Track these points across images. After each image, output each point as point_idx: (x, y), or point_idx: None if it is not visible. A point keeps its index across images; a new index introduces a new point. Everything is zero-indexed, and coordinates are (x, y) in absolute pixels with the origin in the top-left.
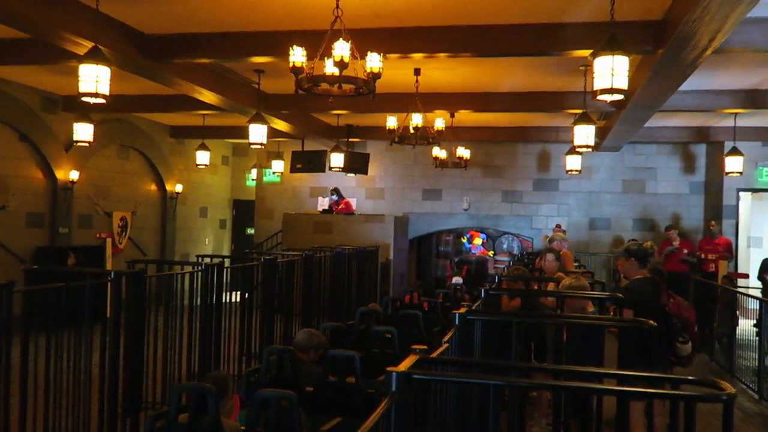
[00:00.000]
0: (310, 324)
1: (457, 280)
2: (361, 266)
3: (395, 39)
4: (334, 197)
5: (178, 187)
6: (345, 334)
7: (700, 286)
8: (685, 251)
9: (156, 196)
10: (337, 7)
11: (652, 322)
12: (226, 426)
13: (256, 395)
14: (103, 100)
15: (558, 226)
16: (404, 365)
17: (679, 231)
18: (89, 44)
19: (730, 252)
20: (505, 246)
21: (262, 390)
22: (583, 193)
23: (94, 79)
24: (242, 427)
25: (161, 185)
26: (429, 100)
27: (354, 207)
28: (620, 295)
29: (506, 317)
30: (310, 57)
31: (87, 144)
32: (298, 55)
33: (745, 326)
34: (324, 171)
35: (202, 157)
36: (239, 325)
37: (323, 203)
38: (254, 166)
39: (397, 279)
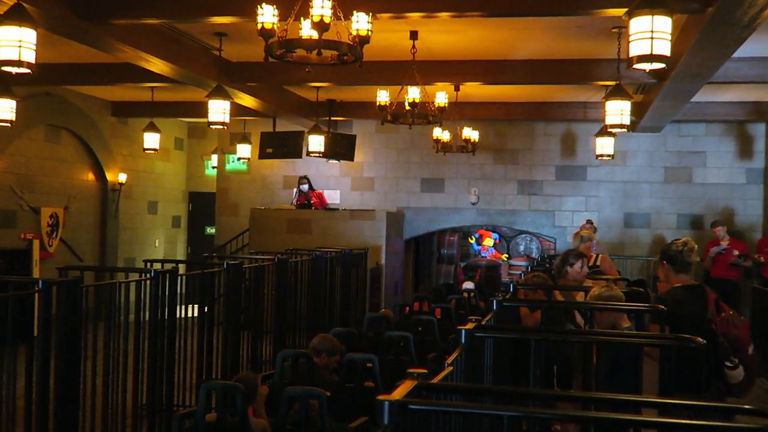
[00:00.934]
0: (283, 343)
1: (469, 285)
2: (347, 273)
3: None
4: (305, 187)
5: (122, 177)
6: (356, 340)
7: (759, 296)
8: (736, 252)
9: (94, 189)
10: None
11: (700, 339)
12: (254, 425)
13: (285, 393)
14: (28, 70)
15: (589, 222)
16: (399, 393)
17: (728, 228)
18: (10, 0)
19: None
20: (521, 248)
21: (291, 388)
22: (617, 183)
23: (17, 44)
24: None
25: (100, 175)
26: (429, 70)
27: (327, 200)
28: (662, 307)
29: (523, 334)
30: (283, 17)
31: (8, 124)
32: (268, 15)
33: None
34: (300, 157)
35: (151, 140)
36: (197, 345)
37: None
38: (215, 152)
39: (390, 288)
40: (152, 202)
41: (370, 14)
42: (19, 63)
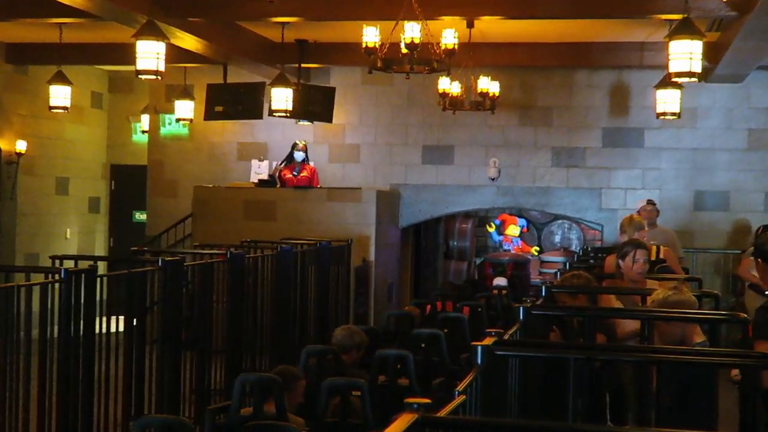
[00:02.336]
0: (240, 367)
1: (500, 281)
2: (324, 272)
3: None
4: (301, 156)
5: (20, 146)
6: (377, 339)
7: None
8: None
9: None
10: None
11: None
12: (291, 420)
13: (326, 384)
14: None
15: (650, 203)
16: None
17: None
18: (142, 18)
19: None
20: (557, 238)
21: (332, 378)
22: (684, 151)
23: (155, 56)
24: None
25: None
26: (432, 0)
27: (319, 180)
28: (744, 315)
29: (559, 352)
30: None
31: None
32: None
33: None
34: (260, 117)
35: (59, 96)
36: (123, 368)
37: (260, 169)
38: (145, 111)
39: (382, 293)
40: (61, 179)
41: None
42: (156, 72)
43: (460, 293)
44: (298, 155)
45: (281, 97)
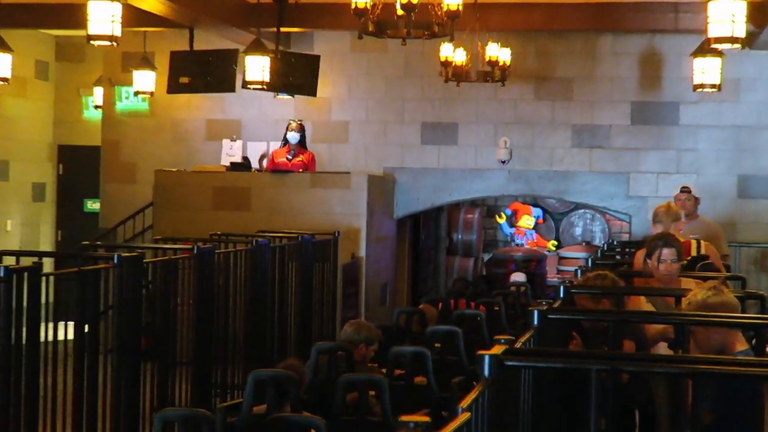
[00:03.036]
0: (209, 381)
1: (519, 277)
2: (306, 271)
3: None
4: (295, 137)
5: None
6: (389, 336)
7: None
8: None
9: None
10: None
11: None
12: (308, 419)
13: (342, 380)
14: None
15: (685, 191)
16: None
17: None
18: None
19: None
20: (577, 231)
21: (348, 375)
22: (726, 129)
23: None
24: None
25: None
26: None
27: (316, 165)
28: None
29: (579, 362)
30: None
31: None
32: None
33: None
34: (233, 90)
35: None
36: (73, 382)
37: (232, 151)
38: (99, 83)
39: (375, 295)
40: (0, 163)
41: None
42: (110, 38)
43: (474, 291)
44: (292, 136)
45: (257, 67)
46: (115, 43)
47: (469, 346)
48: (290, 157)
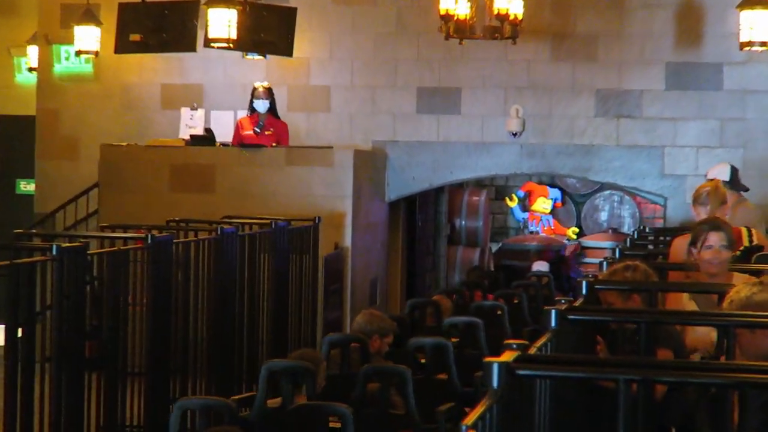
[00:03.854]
0: (166, 394)
1: (540, 266)
2: (282, 263)
3: None
4: (263, 105)
5: None
6: (402, 330)
7: None
8: None
9: None
10: None
11: None
12: (334, 407)
13: (363, 370)
14: None
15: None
16: None
17: None
18: None
19: None
20: (603, 216)
21: (370, 365)
22: None
23: None
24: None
25: None
26: None
27: (288, 139)
28: None
29: (603, 371)
30: None
31: None
32: None
33: None
34: (194, 49)
35: None
36: (4, 395)
37: (193, 121)
38: (33, 41)
39: (362, 292)
40: None
41: None
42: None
43: (491, 282)
44: (260, 104)
45: (222, 22)
46: None
47: (488, 341)
48: (258, 129)
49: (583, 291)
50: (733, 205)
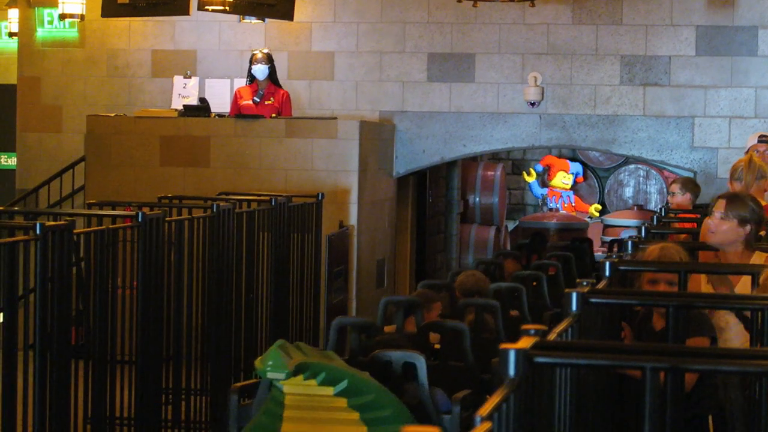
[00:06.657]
0: (158, 383)
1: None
2: (282, 244)
3: None
4: (263, 71)
5: None
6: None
7: None
8: None
9: None
10: None
11: None
12: (410, 354)
13: (378, 356)
14: None
15: (762, 140)
16: None
17: None
18: None
19: None
20: (628, 192)
21: (383, 351)
22: None
23: None
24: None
25: None
26: None
27: (291, 109)
28: None
29: (629, 359)
30: None
31: None
32: None
33: None
34: (187, 13)
35: None
36: None
37: (186, 90)
38: (13, 4)
39: (368, 271)
40: None
41: None
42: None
43: (529, 249)
44: (259, 70)
45: None
46: None
47: (508, 320)
48: (257, 99)
49: (606, 273)
50: None
